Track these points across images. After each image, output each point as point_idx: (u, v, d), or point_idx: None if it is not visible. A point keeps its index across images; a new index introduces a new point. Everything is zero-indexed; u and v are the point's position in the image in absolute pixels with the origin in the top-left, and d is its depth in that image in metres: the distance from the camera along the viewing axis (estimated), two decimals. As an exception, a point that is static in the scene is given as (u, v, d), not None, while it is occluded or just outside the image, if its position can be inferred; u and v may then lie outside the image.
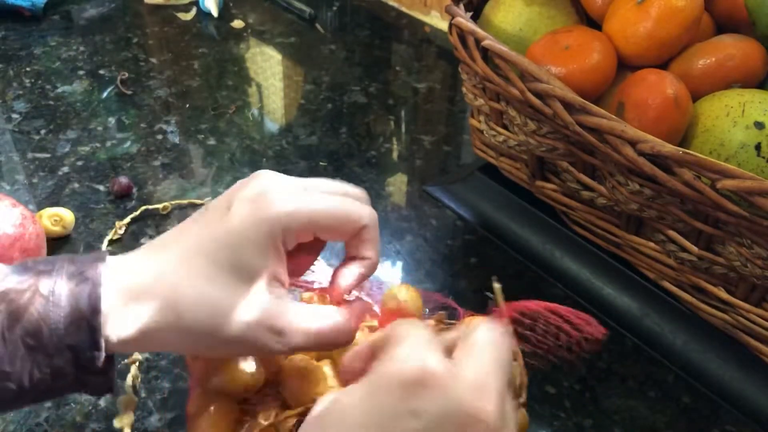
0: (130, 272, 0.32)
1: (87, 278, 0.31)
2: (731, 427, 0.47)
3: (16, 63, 0.84)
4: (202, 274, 0.31)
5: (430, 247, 0.60)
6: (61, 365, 0.30)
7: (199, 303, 0.31)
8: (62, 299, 0.30)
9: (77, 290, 0.30)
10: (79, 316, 0.30)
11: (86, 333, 0.30)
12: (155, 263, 0.32)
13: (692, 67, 0.51)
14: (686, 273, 0.51)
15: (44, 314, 0.30)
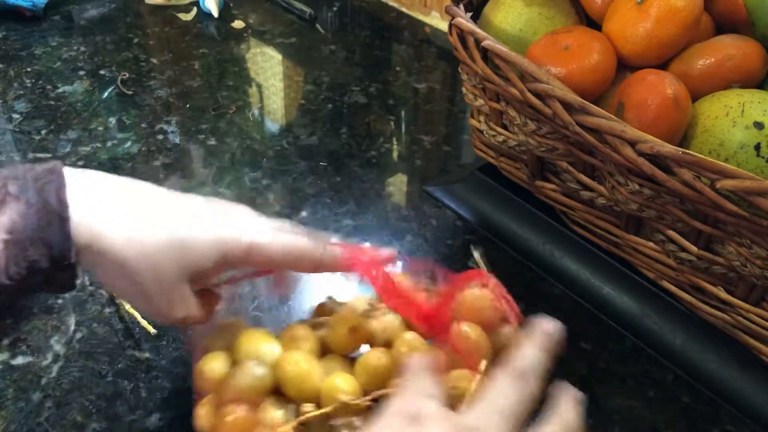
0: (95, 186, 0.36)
1: (51, 179, 0.34)
2: (731, 427, 0.48)
3: (17, 63, 0.84)
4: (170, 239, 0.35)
5: (430, 247, 0.61)
6: (37, 258, 0.33)
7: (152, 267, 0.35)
8: (32, 197, 0.33)
9: (46, 189, 0.33)
10: (49, 210, 0.33)
11: (57, 226, 0.33)
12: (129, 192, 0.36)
13: (692, 68, 0.51)
14: (686, 273, 0.51)
15: (18, 212, 0.33)
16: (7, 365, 0.49)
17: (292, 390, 0.41)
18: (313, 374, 0.41)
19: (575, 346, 0.52)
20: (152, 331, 0.51)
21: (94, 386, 0.47)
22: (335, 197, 0.66)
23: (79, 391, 0.47)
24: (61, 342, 0.50)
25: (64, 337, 0.51)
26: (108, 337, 0.51)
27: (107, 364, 0.49)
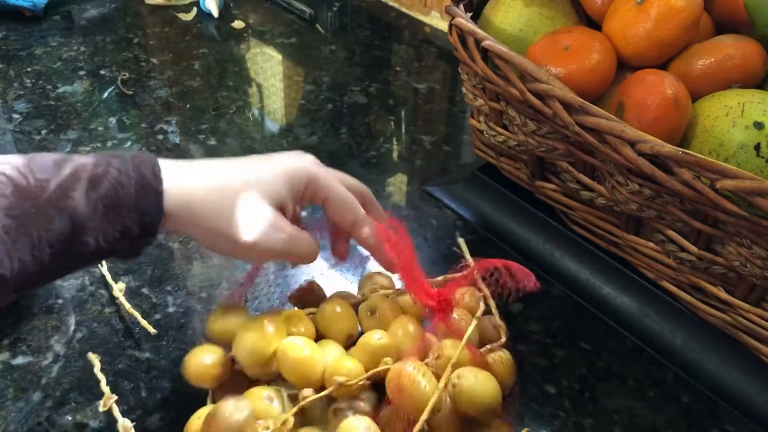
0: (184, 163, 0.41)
1: (146, 158, 0.39)
2: (731, 427, 0.48)
3: (17, 63, 0.84)
4: (245, 182, 0.41)
5: (430, 247, 0.61)
6: (129, 225, 0.37)
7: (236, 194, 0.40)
8: (131, 171, 0.38)
9: (142, 166, 0.38)
10: (145, 183, 0.38)
11: (152, 197, 0.38)
12: (208, 166, 0.41)
13: (692, 68, 0.51)
14: (685, 273, 0.51)
15: (118, 181, 0.37)
16: (7, 365, 0.49)
17: (294, 376, 0.42)
18: (316, 359, 0.42)
19: (575, 346, 0.52)
20: (152, 331, 0.51)
21: (94, 386, 0.47)
22: (335, 197, 0.66)
23: (79, 391, 0.47)
24: (61, 342, 0.50)
25: (64, 337, 0.51)
26: (108, 337, 0.51)
27: (107, 364, 0.49)
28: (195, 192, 0.40)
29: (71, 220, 0.36)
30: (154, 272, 0.56)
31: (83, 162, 0.37)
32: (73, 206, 0.36)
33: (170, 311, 0.53)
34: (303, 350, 0.41)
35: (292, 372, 0.41)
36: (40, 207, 0.35)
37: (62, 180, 0.36)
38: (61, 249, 0.36)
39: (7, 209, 0.34)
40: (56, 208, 0.35)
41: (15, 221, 0.34)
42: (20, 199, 0.35)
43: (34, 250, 0.35)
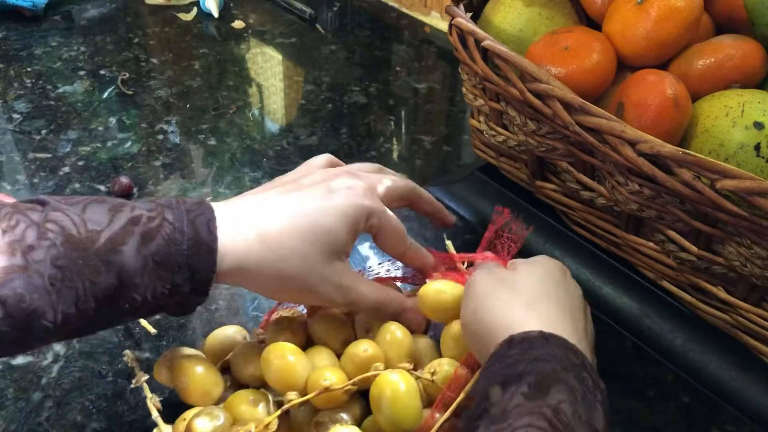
0: (239, 214, 0.39)
1: (202, 212, 0.37)
2: (731, 427, 0.48)
3: (17, 63, 0.84)
4: (303, 232, 0.39)
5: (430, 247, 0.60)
6: (180, 282, 0.36)
7: (297, 255, 0.39)
8: (185, 225, 0.36)
9: (197, 221, 0.37)
10: (199, 240, 0.36)
11: (205, 254, 0.36)
12: (263, 217, 0.39)
13: (692, 68, 0.51)
14: (686, 273, 0.51)
15: (171, 237, 0.36)
16: (7, 365, 0.49)
17: (277, 382, 0.41)
18: (299, 367, 0.41)
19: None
20: (152, 331, 0.51)
21: (94, 386, 0.47)
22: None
23: (79, 391, 0.47)
24: (61, 342, 0.50)
25: (64, 337, 0.51)
26: (108, 337, 0.51)
27: (107, 364, 0.49)
28: (250, 250, 0.38)
29: (119, 275, 0.35)
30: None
31: (137, 214, 0.36)
32: (122, 261, 0.35)
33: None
34: (286, 357, 0.41)
35: (274, 378, 0.41)
36: (89, 259, 0.34)
37: (113, 233, 0.35)
38: (106, 303, 0.35)
39: (55, 259, 0.34)
40: (104, 262, 0.34)
41: (62, 272, 0.34)
42: (69, 250, 0.34)
43: (79, 302, 0.34)
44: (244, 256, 0.38)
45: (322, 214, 0.40)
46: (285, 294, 0.42)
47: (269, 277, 0.39)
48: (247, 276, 0.39)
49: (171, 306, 0.38)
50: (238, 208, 0.39)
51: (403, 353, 0.43)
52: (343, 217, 0.40)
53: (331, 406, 0.41)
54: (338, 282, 0.41)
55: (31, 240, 0.34)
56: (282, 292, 0.42)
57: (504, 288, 0.39)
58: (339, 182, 0.42)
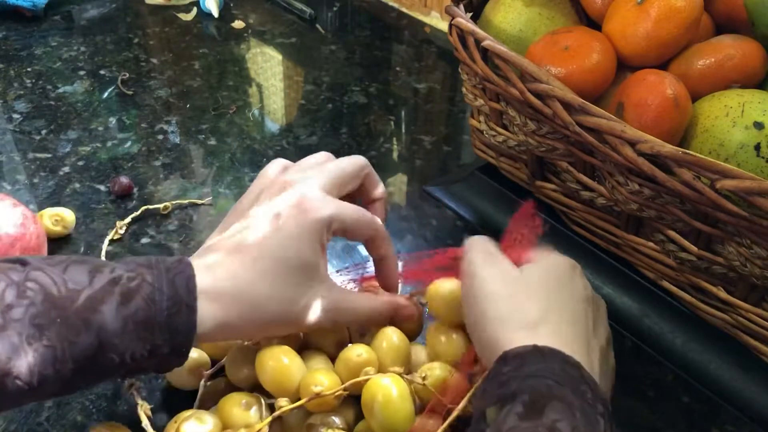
0: (210, 273, 0.38)
1: (181, 271, 0.37)
2: (731, 427, 0.48)
3: (17, 63, 0.84)
4: (272, 273, 0.38)
5: (430, 247, 0.61)
6: (159, 343, 0.36)
7: (273, 298, 0.38)
8: (164, 286, 0.36)
9: (176, 280, 0.36)
10: (178, 300, 0.36)
11: (185, 314, 0.36)
12: (230, 266, 0.38)
13: (692, 68, 0.51)
14: (686, 273, 0.51)
15: (150, 297, 0.35)
16: (7, 365, 0.49)
17: (271, 385, 0.41)
18: (293, 370, 0.41)
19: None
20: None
21: (94, 386, 0.47)
22: (335, 197, 0.66)
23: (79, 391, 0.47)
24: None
25: (64, 337, 0.51)
26: (108, 337, 0.51)
27: (107, 364, 0.49)
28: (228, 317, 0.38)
29: (98, 335, 0.34)
30: (154, 272, 0.56)
31: (117, 275, 0.36)
32: (101, 320, 0.34)
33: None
34: (281, 360, 0.41)
35: (269, 381, 0.41)
36: (68, 318, 0.34)
37: (93, 292, 0.35)
38: (84, 365, 0.34)
39: (33, 317, 0.33)
40: (84, 321, 0.34)
41: (40, 331, 0.33)
42: (49, 309, 0.34)
43: (57, 363, 0.34)
44: (223, 318, 0.37)
45: (279, 249, 0.39)
46: (276, 334, 0.42)
47: (252, 329, 0.39)
48: (230, 331, 0.38)
49: (150, 367, 0.37)
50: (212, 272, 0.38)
51: (399, 359, 0.42)
52: (300, 242, 0.39)
53: (324, 410, 0.41)
54: (325, 306, 0.40)
55: (11, 299, 0.33)
56: (271, 335, 0.42)
57: (509, 293, 0.38)
58: (282, 203, 0.40)
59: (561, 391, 0.31)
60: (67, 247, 0.58)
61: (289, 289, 0.39)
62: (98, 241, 0.59)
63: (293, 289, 0.39)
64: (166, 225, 0.61)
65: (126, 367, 0.36)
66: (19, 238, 0.51)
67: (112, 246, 0.59)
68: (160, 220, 0.62)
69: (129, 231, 0.60)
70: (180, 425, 0.39)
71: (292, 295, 0.39)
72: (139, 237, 0.60)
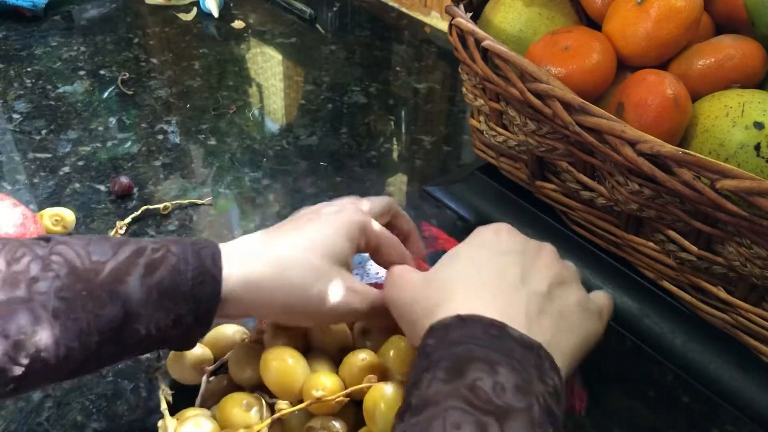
0: (241, 244, 0.39)
1: (207, 246, 0.38)
2: (731, 427, 0.48)
3: (17, 63, 0.84)
4: (302, 245, 0.39)
5: (430, 247, 0.61)
6: (183, 313, 0.36)
7: (302, 264, 0.39)
8: (189, 257, 0.36)
9: (202, 252, 0.37)
10: (203, 270, 0.36)
11: (209, 284, 0.36)
12: (264, 241, 0.40)
13: (692, 68, 0.51)
14: (686, 273, 0.51)
15: (176, 267, 0.36)
16: (7, 365, 0.49)
17: (274, 386, 0.41)
18: (297, 371, 0.41)
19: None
20: (152, 331, 0.51)
21: (94, 386, 0.47)
22: (335, 197, 0.66)
23: (79, 391, 0.47)
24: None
25: (64, 337, 0.51)
26: (108, 337, 0.51)
27: (107, 364, 0.49)
28: (253, 269, 0.38)
29: (123, 306, 0.35)
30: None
31: (142, 246, 0.36)
32: (126, 292, 0.35)
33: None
34: (286, 360, 0.41)
35: (272, 381, 0.41)
36: (93, 290, 0.34)
37: (118, 264, 0.35)
38: (109, 336, 0.35)
39: (59, 290, 0.33)
40: (109, 293, 0.34)
41: (66, 304, 0.33)
42: (74, 282, 0.34)
43: (82, 336, 0.34)
44: (248, 273, 0.38)
45: (318, 228, 0.41)
46: (296, 309, 0.40)
47: (275, 291, 0.38)
48: (253, 294, 0.38)
49: (173, 339, 0.37)
50: (241, 244, 0.40)
51: (405, 366, 0.42)
52: (339, 228, 0.41)
53: (325, 413, 0.41)
54: (351, 285, 0.40)
55: (35, 272, 0.34)
56: (292, 309, 0.40)
57: (421, 288, 0.38)
58: (327, 210, 0.43)
59: (483, 352, 0.31)
60: (67, 247, 0.58)
61: (318, 260, 0.39)
62: (98, 241, 0.59)
63: (322, 261, 0.39)
64: (166, 225, 0.61)
65: (150, 339, 0.36)
66: (19, 238, 0.51)
67: (112, 246, 0.59)
68: (160, 220, 0.62)
69: (129, 231, 0.60)
70: (177, 428, 0.39)
71: (320, 266, 0.39)
72: (139, 237, 0.60)
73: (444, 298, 0.36)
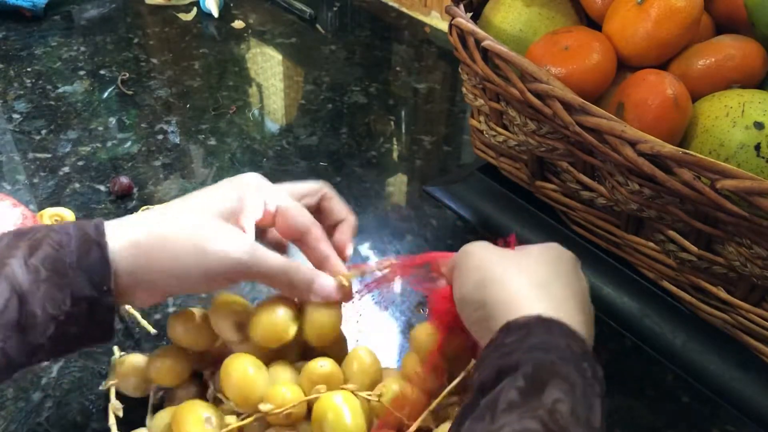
0: (130, 216, 0.39)
1: (91, 221, 0.37)
2: (731, 427, 0.48)
3: (17, 63, 0.84)
4: (191, 209, 0.39)
5: (430, 247, 0.61)
6: (78, 287, 0.35)
7: (184, 222, 0.38)
8: (72, 231, 0.36)
9: (84, 225, 0.36)
10: (87, 239, 0.36)
11: (96, 253, 0.35)
12: (152, 210, 0.40)
13: (692, 68, 0.51)
14: (686, 273, 0.51)
15: (58, 242, 0.35)
16: (7, 365, 0.49)
17: (234, 395, 0.40)
18: (258, 381, 0.40)
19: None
20: (152, 331, 0.51)
21: (94, 386, 0.47)
22: (335, 197, 0.66)
23: (79, 391, 0.47)
24: None
25: (64, 337, 0.51)
26: (108, 337, 0.51)
27: (107, 364, 0.49)
28: (139, 236, 0.37)
29: (13, 290, 0.33)
30: (154, 272, 0.56)
31: (23, 231, 0.36)
32: (12, 273, 0.34)
33: (170, 311, 0.53)
34: (247, 370, 0.40)
35: (232, 391, 0.40)
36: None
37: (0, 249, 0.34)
38: (9, 323, 0.33)
39: None
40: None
41: None
42: None
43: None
44: (133, 238, 0.37)
45: (206, 191, 0.41)
46: (184, 266, 0.38)
47: (163, 252, 0.37)
48: (142, 259, 0.37)
49: (83, 321, 0.36)
50: (130, 216, 0.39)
51: (368, 380, 0.41)
52: (228, 187, 0.41)
53: (283, 423, 0.40)
54: (237, 237, 0.39)
55: None
56: (180, 266, 0.38)
57: (510, 263, 0.37)
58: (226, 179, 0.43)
59: (565, 367, 0.31)
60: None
61: (199, 218, 0.38)
62: (98, 241, 0.59)
63: (202, 218, 0.38)
64: (166, 225, 0.61)
65: (56, 323, 0.35)
66: (19, 238, 0.50)
67: (112, 246, 0.58)
68: (160, 220, 0.62)
69: (129, 231, 0.60)
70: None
71: (200, 224, 0.38)
72: (139, 237, 0.60)
73: (534, 284, 0.35)
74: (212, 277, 0.38)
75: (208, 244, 0.38)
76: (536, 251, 0.39)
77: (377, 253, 0.59)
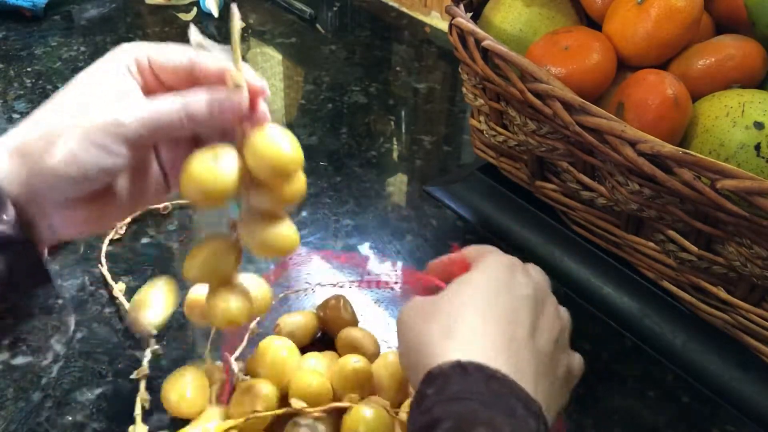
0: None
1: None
2: (731, 427, 0.48)
3: (17, 63, 0.84)
4: (72, 99, 0.39)
5: (430, 247, 0.61)
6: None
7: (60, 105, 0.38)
8: None
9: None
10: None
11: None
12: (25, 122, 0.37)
13: (692, 68, 0.51)
14: (686, 273, 0.51)
15: None
16: (7, 365, 0.49)
17: (269, 374, 0.43)
18: (289, 364, 0.43)
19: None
20: (152, 331, 0.51)
21: (94, 386, 0.47)
22: (335, 197, 0.66)
23: (79, 391, 0.47)
24: (61, 342, 0.50)
25: (64, 337, 0.51)
26: (108, 337, 0.51)
27: (107, 364, 0.49)
28: (22, 138, 0.35)
29: None
30: (154, 272, 0.56)
31: None
32: None
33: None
34: (281, 351, 0.43)
35: (267, 371, 0.43)
36: None
37: None
38: None
39: None
40: None
41: None
42: None
43: None
44: (14, 143, 0.35)
45: (80, 82, 0.39)
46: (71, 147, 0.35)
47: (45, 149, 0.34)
48: (29, 163, 0.34)
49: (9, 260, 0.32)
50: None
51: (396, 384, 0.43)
52: (100, 71, 0.38)
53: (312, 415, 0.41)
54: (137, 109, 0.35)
55: None
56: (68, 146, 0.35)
57: (422, 317, 0.35)
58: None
59: (487, 414, 0.29)
60: (67, 247, 0.58)
61: (75, 99, 0.38)
62: (98, 241, 0.59)
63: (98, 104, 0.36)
64: (166, 225, 0.61)
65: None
66: (19, 238, 0.50)
67: (112, 246, 0.58)
68: (160, 220, 0.62)
69: (129, 231, 0.60)
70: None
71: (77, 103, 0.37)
72: (139, 237, 0.60)
73: (444, 333, 0.33)
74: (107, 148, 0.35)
75: (86, 114, 0.36)
76: (449, 292, 0.36)
77: (377, 253, 0.59)
